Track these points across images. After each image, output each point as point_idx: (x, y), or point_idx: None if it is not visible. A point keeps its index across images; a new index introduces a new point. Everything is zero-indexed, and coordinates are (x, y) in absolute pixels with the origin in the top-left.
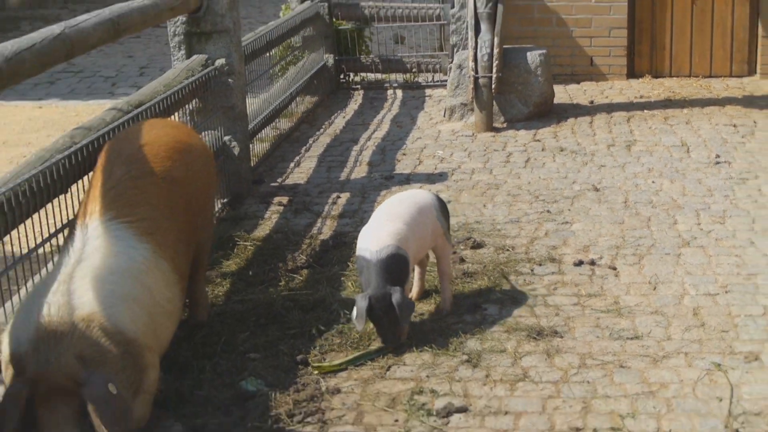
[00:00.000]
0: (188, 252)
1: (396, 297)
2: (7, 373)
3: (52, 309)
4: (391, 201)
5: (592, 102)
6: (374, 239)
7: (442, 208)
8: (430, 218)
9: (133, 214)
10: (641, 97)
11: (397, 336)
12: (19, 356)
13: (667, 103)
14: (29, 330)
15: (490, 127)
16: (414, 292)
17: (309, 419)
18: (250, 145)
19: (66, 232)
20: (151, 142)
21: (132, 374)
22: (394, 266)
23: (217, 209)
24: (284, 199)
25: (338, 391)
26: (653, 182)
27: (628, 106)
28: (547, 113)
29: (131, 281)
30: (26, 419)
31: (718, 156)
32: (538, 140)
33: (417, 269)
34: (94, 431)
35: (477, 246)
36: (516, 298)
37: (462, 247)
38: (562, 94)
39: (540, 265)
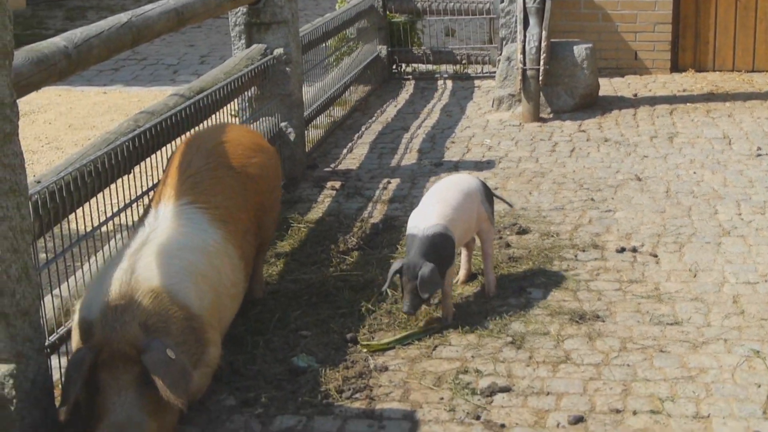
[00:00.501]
0: (254, 243)
1: (424, 269)
2: (74, 338)
3: (122, 280)
4: (439, 186)
5: (635, 95)
6: (423, 218)
7: (487, 193)
8: (476, 203)
9: (209, 201)
10: (684, 90)
11: (413, 306)
12: (88, 323)
13: (710, 97)
14: (100, 299)
15: (536, 118)
16: (461, 275)
17: (357, 395)
18: (305, 132)
19: (128, 211)
20: (229, 141)
21: (193, 347)
22: (438, 244)
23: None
24: (337, 184)
25: (386, 368)
26: (695, 173)
27: (671, 99)
28: (592, 105)
29: (201, 260)
30: (90, 385)
31: (759, 149)
32: (583, 131)
33: (464, 252)
34: (153, 398)
35: (522, 232)
36: (559, 283)
37: (508, 233)
38: (607, 86)
39: (583, 251)
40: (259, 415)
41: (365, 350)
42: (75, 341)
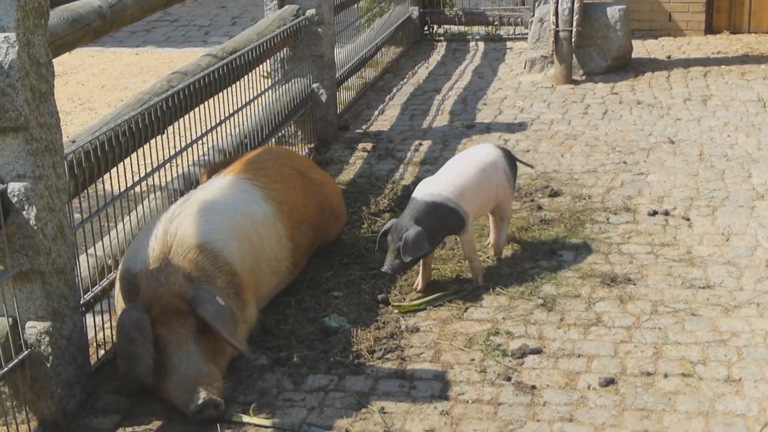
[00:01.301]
0: (312, 239)
1: (410, 232)
2: (117, 289)
3: (167, 234)
4: (459, 156)
5: (669, 57)
6: (428, 185)
7: (510, 162)
8: (497, 175)
9: (267, 182)
10: (718, 52)
11: (392, 267)
12: (133, 274)
13: (745, 59)
14: (145, 251)
15: (569, 80)
16: (491, 239)
17: (388, 356)
18: (337, 93)
19: (161, 172)
20: (298, 154)
21: (235, 302)
22: (434, 212)
23: (304, 154)
24: (368, 145)
25: (417, 329)
26: (728, 136)
27: (705, 62)
28: (625, 67)
29: (246, 223)
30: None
31: None
32: (616, 93)
33: (491, 218)
34: (209, 345)
35: (554, 194)
36: (591, 246)
37: (540, 195)
38: (640, 48)
39: (615, 214)
40: (291, 374)
41: (396, 311)
42: (117, 291)
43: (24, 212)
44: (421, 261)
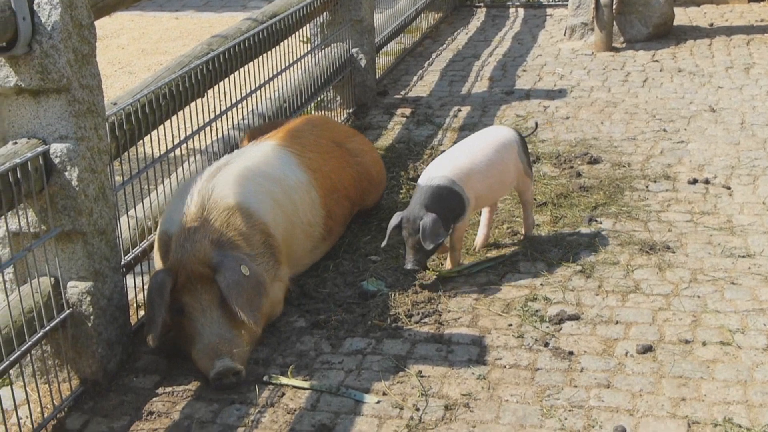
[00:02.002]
0: (347, 209)
1: (425, 220)
2: (155, 250)
3: (199, 198)
4: (470, 138)
5: (711, 25)
6: (434, 169)
7: (523, 144)
8: (511, 157)
9: (302, 150)
10: (762, 20)
11: (418, 262)
12: (168, 236)
13: None
14: (178, 215)
15: (609, 47)
16: (479, 239)
17: (426, 320)
18: (376, 58)
19: (201, 135)
20: (339, 124)
21: (269, 261)
22: (442, 197)
23: (343, 119)
24: (407, 111)
25: (455, 294)
26: None
27: (748, 30)
28: (667, 35)
29: (280, 189)
30: (174, 308)
31: None
32: (657, 61)
33: (484, 214)
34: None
35: (594, 161)
36: (630, 213)
37: (579, 162)
38: (682, 16)
39: (655, 182)
40: (329, 336)
41: (435, 276)
42: (155, 252)
43: (66, 173)
44: (482, 219)
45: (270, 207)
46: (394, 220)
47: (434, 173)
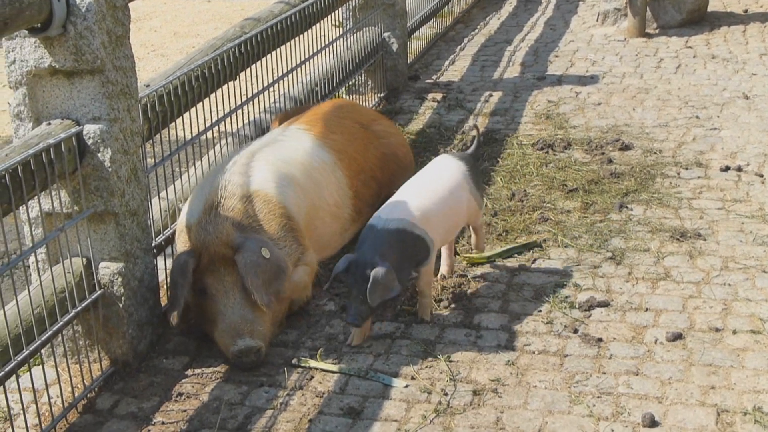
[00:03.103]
0: (374, 189)
1: (377, 271)
2: (179, 241)
3: (222, 184)
4: (422, 175)
5: (746, 11)
6: (389, 209)
7: (474, 172)
8: (465, 192)
9: (326, 132)
10: None
11: (358, 315)
12: (189, 226)
13: None
14: (199, 204)
15: (642, 33)
16: (443, 270)
17: (455, 305)
18: (408, 43)
19: (233, 117)
20: (364, 108)
21: (292, 245)
22: (402, 243)
23: (374, 103)
24: (438, 96)
25: (484, 280)
26: None
27: None
28: (700, 21)
29: (302, 171)
30: (197, 289)
31: None
32: (690, 47)
33: (444, 249)
34: None
35: (625, 148)
36: (661, 200)
37: (610, 149)
38: (716, 2)
39: (686, 169)
40: None
41: (465, 262)
42: (179, 244)
43: (99, 154)
44: (444, 251)
45: (291, 191)
46: (341, 264)
47: (391, 215)
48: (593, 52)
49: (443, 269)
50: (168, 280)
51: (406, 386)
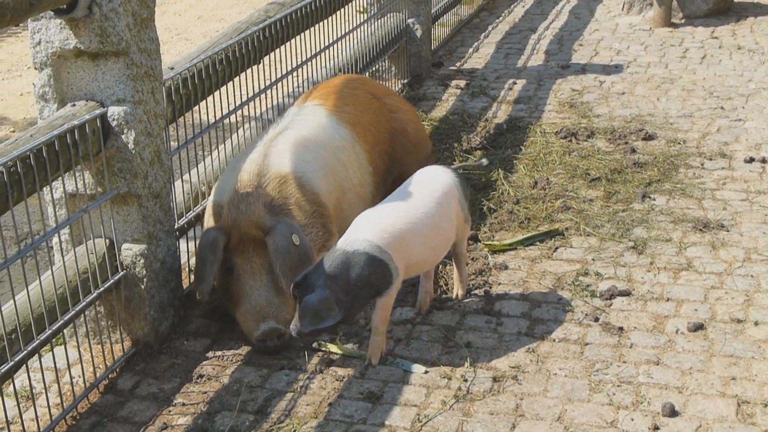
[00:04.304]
0: (387, 164)
1: (311, 298)
2: (207, 221)
3: (252, 166)
4: (404, 188)
5: None
6: (357, 229)
7: (462, 186)
8: (453, 208)
9: (339, 107)
10: None
11: (296, 330)
12: (219, 206)
13: None
14: (231, 183)
15: (668, 23)
16: (423, 299)
17: (476, 291)
18: (432, 29)
19: (257, 101)
20: (379, 84)
21: (319, 232)
22: (359, 268)
23: (397, 89)
24: (462, 83)
25: (505, 267)
26: None
27: None
28: (727, 11)
29: (331, 153)
30: (224, 268)
31: None
32: (716, 37)
33: (422, 274)
34: None
35: (649, 138)
36: (684, 190)
37: (634, 138)
38: None
39: (710, 159)
40: None
41: (486, 249)
42: (206, 220)
43: (123, 136)
44: (421, 275)
45: (323, 176)
46: (299, 276)
47: (355, 235)
48: (618, 41)
49: (421, 299)
50: (190, 261)
51: (426, 372)
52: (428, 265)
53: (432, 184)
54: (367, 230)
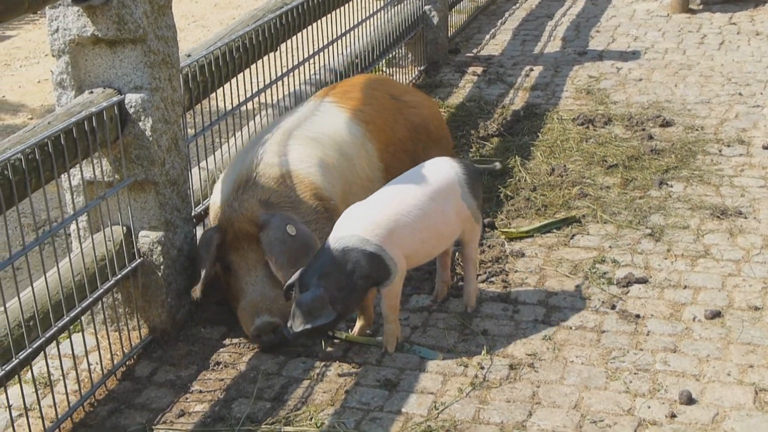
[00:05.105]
0: (405, 163)
1: (305, 297)
2: (210, 218)
3: (250, 164)
4: (399, 180)
5: None
6: (348, 223)
7: (471, 182)
8: (452, 202)
9: (355, 104)
10: None
11: (291, 333)
12: (218, 204)
13: None
14: (231, 180)
15: (685, 9)
16: (438, 289)
17: (492, 279)
18: (449, 16)
19: (273, 89)
20: (400, 83)
21: (325, 226)
22: (351, 264)
23: (413, 76)
24: (478, 69)
25: (522, 255)
26: None
27: None
28: None
29: (334, 147)
30: (223, 265)
31: None
32: (734, 23)
33: (439, 262)
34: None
35: (666, 124)
36: (702, 177)
37: (651, 125)
38: None
39: (728, 146)
40: None
41: (503, 236)
42: (210, 221)
43: (140, 123)
44: (438, 264)
45: (323, 169)
46: (293, 277)
47: (343, 231)
48: (635, 27)
49: (438, 288)
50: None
51: (443, 359)
52: (422, 258)
53: (430, 177)
54: (356, 225)
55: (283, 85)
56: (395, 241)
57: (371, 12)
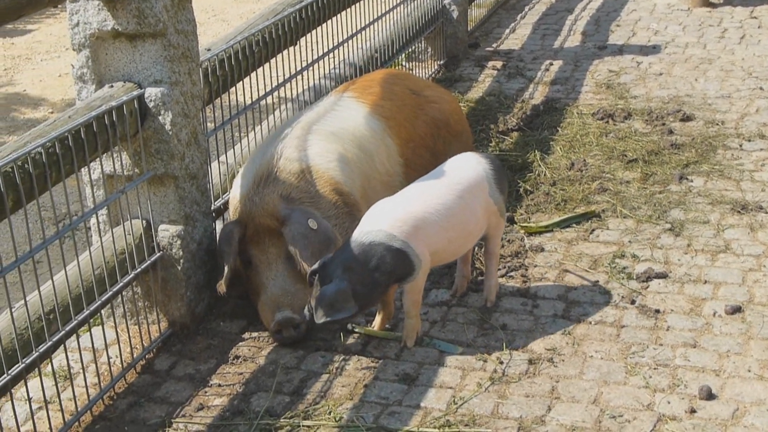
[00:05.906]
0: (426, 159)
1: (328, 289)
2: (231, 213)
3: (270, 158)
4: (429, 176)
5: None
6: (375, 217)
7: (498, 177)
8: (480, 200)
9: (375, 99)
10: None
11: (313, 318)
12: (239, 198)
13: None
14: (251, 175)
15: (706, 3)
16: (457, 284)
17: (512, 274)
18: (468, 10)
19: (293, 83)
20: (421, 78)
21: (345, 220)
22: (376, 258)
23: (432, 71)
24: (498, 64)
25: (542, 249)
26: None
27: None
28: None
29: (353, 142)
30: (243, 260)
31: None
32: (755, 17)
33: (459, 261)
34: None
35: (686, 119)
36: (722, 172)
37: (671, 119)
38: None
39: (749, 140)
40: None
41: (523, 231)
42: (231, 215)
43: (160, 117)
44: (458, 259)
45: (343, 164)
46: (316, 265)
47: (370, 226)
48: (656, 21)
49: (457, 283)
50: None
51: (462, 354)
52: (449, 257)
53: (459, 173)
54: (382, 220)
55: (302, 79)
56: (421, 238)
57: (391, 6)
